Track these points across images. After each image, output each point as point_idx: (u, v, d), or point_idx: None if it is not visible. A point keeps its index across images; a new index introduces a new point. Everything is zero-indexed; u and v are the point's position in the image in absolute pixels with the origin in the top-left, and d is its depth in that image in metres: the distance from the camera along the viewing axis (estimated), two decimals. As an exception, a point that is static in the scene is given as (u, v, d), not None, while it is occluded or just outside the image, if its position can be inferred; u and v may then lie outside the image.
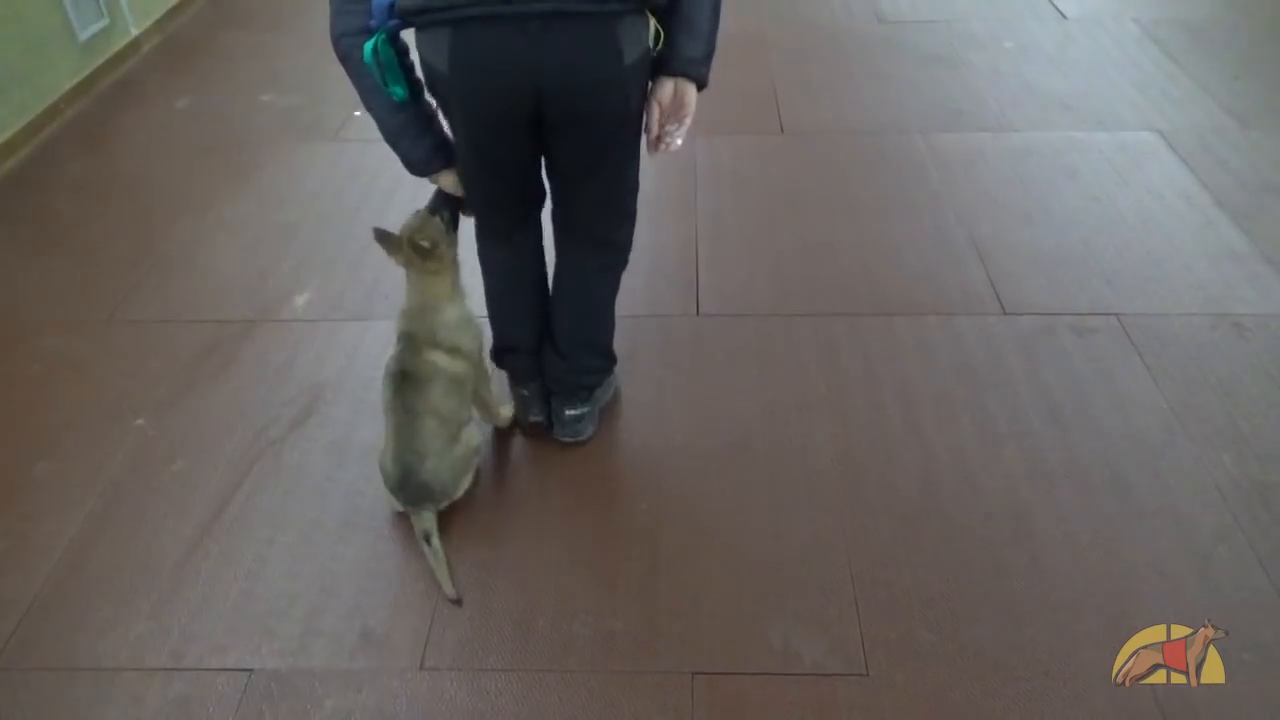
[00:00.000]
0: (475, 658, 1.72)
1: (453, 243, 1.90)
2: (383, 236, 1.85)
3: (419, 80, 1.68)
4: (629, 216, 1.96)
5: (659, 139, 1.74)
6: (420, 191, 1.94)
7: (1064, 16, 4.04)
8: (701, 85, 1.71)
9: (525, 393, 2.13)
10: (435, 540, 1.86)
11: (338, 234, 2.86)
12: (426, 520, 1.87)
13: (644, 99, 1.70)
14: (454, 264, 1.92)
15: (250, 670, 1.70)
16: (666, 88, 1.68)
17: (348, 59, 1.66)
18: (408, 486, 1.86)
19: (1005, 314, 2.46)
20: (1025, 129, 3.25)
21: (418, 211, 1.89)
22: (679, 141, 1.73)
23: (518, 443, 2.16)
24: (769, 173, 3.09)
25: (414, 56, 1.68)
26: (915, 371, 2.30)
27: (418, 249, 1.82)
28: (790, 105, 3.46)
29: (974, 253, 2.66)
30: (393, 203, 2.96)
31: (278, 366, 2.38)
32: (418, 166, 1.82)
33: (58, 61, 3.55)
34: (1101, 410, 2.17)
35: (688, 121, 1.73)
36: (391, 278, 2.60)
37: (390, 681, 1.68)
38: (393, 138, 1.77)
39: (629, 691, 1.65)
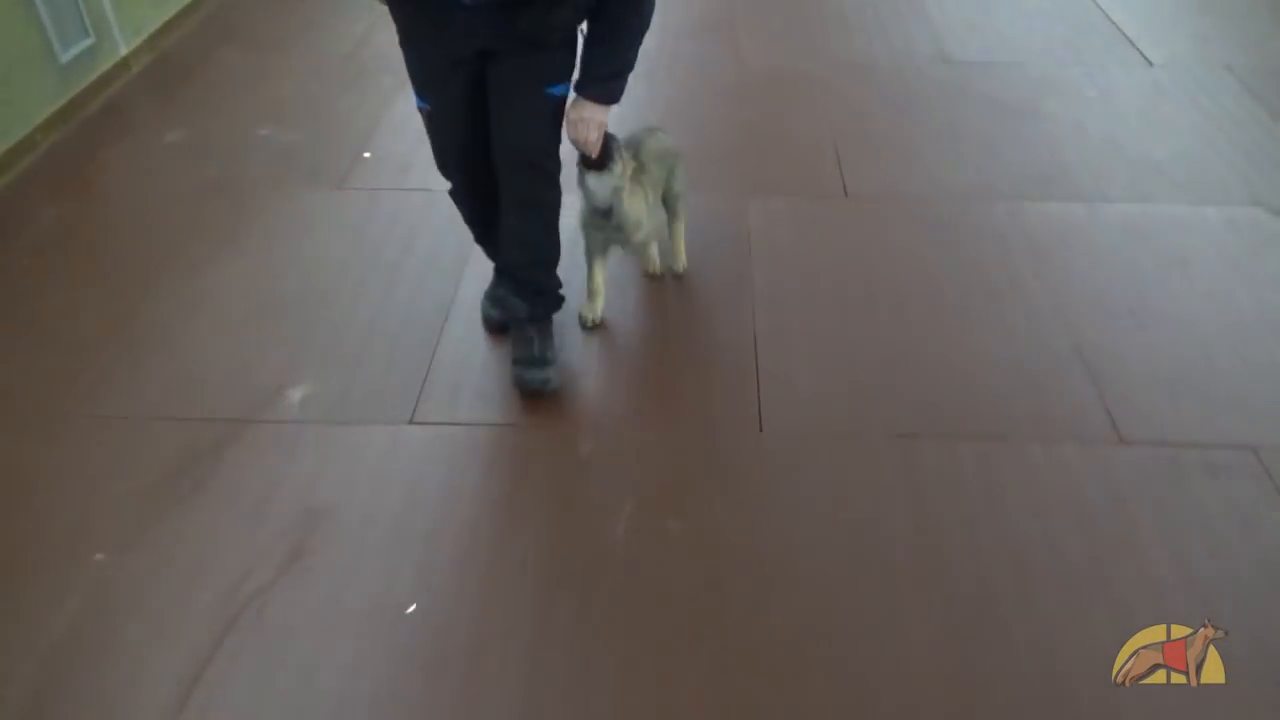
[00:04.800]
0: None
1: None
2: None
3: None
4: None
5: None
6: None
7: (1150, 63, 3.65)
8: None
9: None
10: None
11: (340, 313, 2.48)
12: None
13: None
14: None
15: None
16: None
17: None
18: None
19: (1121, 442, 2.09)
20: (1121, 200, 2.87)
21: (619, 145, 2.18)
22: None
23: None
24: (834, 247, 2.72)
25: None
26: (1020, 516, 1.93)
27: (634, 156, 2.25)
28: (852, 163, 3.08)
29: (1078, 360, 2.29)
30: (402, 271, 2.59)
31: (263, 487, 2.01)
32: None
33: (35, 85, 3.18)
34: (1250, 573, 1.80)
35: None
36: (401, 374, 2.26)
37: None
38: None
39: None
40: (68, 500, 1.99)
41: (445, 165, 2.14)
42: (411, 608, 1.77)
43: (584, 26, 1.91)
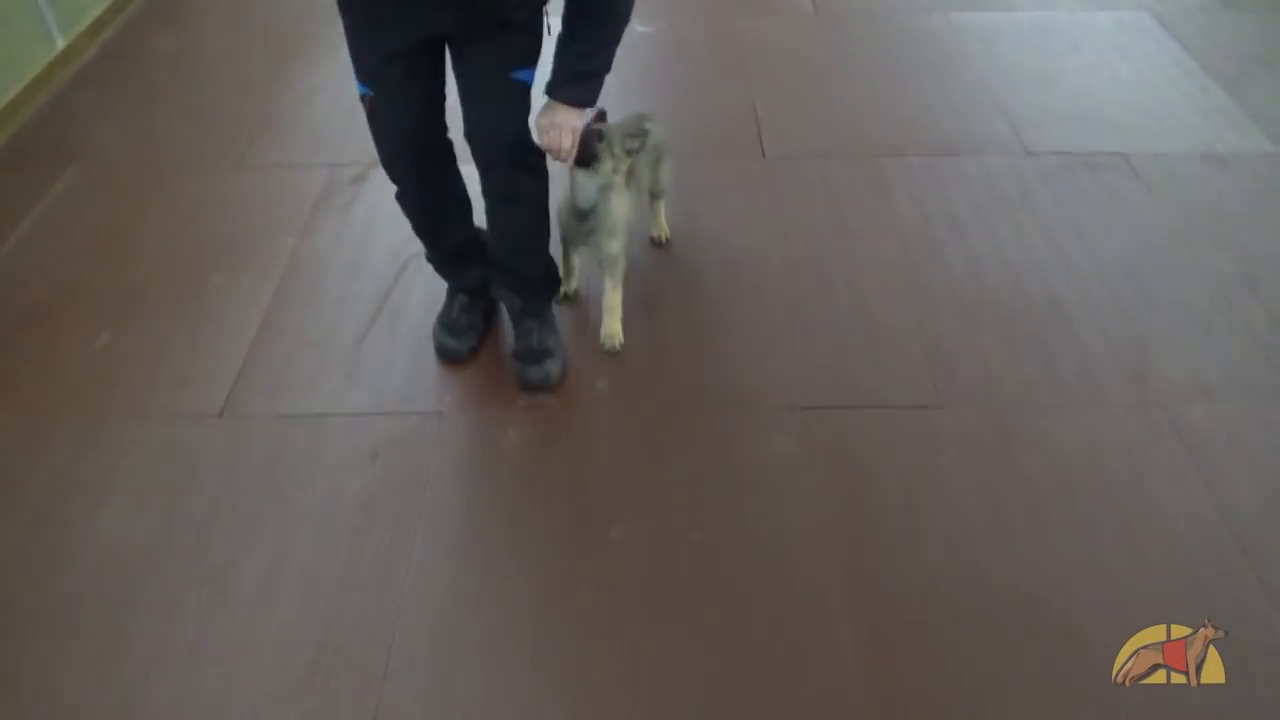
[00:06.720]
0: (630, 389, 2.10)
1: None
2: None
3: None
4: None
5: None
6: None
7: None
8: None
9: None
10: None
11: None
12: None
13: None
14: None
15: (440, 412, 2.06)
16: None
17: None
18: None
19: (1028, 154, 2.85)
20: (1033, 8, 3.62)
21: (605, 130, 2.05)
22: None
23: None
24: (811, 44, 3.44)
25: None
26: (958, 200, 2.68)
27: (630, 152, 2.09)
28: (820, -9, 3.79)
29: (997, 109, 3.04)
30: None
31: (400, 201, 2.70)
32: None
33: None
34: (1116, 224, 2.58)
35: None
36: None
37: (568, 412, 2.07)
38: None
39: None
40: (253, 213, 2.67)
41: (392, 161, 1.97)
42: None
43: (553, 22, 1.85)
